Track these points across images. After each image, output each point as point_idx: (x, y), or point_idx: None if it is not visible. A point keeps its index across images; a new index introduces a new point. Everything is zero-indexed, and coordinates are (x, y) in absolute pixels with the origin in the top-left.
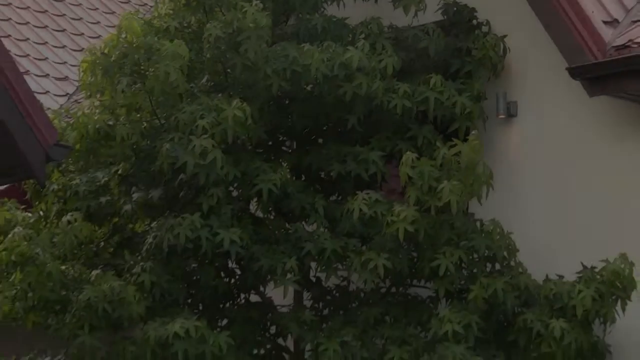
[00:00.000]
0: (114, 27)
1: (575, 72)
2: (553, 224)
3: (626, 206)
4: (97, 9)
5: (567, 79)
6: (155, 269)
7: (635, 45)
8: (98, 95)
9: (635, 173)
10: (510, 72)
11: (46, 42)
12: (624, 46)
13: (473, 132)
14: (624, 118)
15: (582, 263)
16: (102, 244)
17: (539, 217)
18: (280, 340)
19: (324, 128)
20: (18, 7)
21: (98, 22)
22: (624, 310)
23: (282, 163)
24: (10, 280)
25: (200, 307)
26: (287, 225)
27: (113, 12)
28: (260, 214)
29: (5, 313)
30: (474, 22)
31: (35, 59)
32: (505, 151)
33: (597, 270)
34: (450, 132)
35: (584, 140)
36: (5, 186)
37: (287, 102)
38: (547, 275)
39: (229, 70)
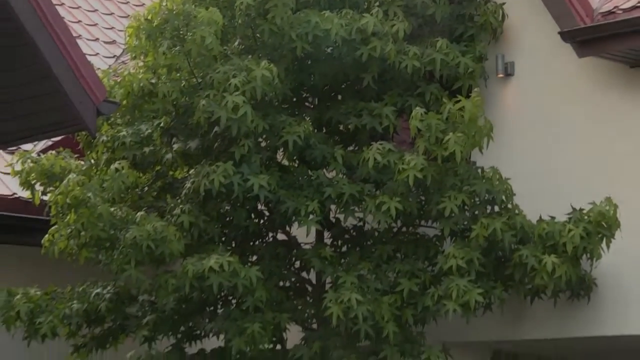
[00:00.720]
0: None
1: (566, 36)
2: (546, 170)
3: (611, 153)
4: None
5: (559, 42)
6: (193, 211)
7: (620, 12)
8: (142, 57)
9: (619, 122)
10: (508, 35)
11: (96, 10)
12: (610, 12)
13: (475, 89)
14: (608, 75)
15: (571, 205)
16: (146, 188)
17: (534, 164)
18: (303, 274)
19: (342, 86)
20: None
21: None
22: (608, 247)
23: (305, 117)
24: (65, 220)
25: (233, 245)
26: (309, 172)
27: None
28: (285, 162)
29: (61, 249)
30: None
31: (87, 24)
32: (504, 106)
33: (585, 211)
34: (455, 90)
35: (573, 95)
36: (60, 137)
37: (309, 62)
38: (540, 216)
39: (258, 34)
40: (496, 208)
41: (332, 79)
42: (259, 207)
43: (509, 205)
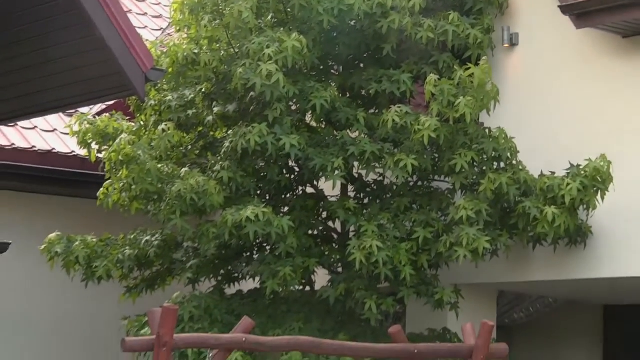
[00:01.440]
0: None
1: (565, 9)
2: (547, 130)
3: (605, 114)
4: None
5: (559, 15)
6: (231, 167)
7: None
8: (186, 30)
9: (612, 86)
10: (513, 9)
11: None
12: None
13: (483, 58)
14: (603, 44)
15: (569, 161)
16: (190, 147)
17: (536, 125)
18: (330, 223)
19: (364, 55)
20: None
21: None
22: (602, 199)
23: (331, 83)
24: (118, 176)
25: (267, 197)
26: (335, 132)
27: None
28: (313, 123)
29: (114, 201)
30: None
31: (137, 0)
32: (509, 73)
33: (581, 167)
34: (465, 58)
35: (571, 62)
36: (113, 101)
37: (334, 34)
38: (541, 172)
39: (288, 9)
40: (502, 164)
41: (355, 49)
42: (290, 163)
43: (514, 162)
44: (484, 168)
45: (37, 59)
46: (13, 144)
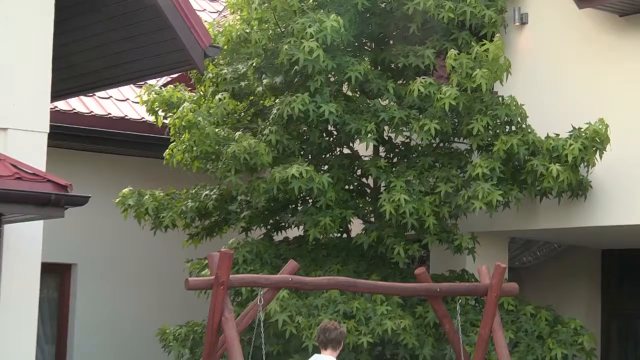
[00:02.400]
0: None
1: None
2: (552, 97)
3: (603, 83)
4: None
5: None
6: (279, 131)
7: None
8: (238, 12)
9: (610, 59)
10: None
11: None
12: None
13: (497, 35)
14: (602, 23)
15: (572, 125)
16: (242, 114)
17: (543, 93)
18: (363, 180)
19: (393, 33)
20: None
21: None
22: (601, 157)
23: (364, 58)
24: (181, 139)
25: (309, 157)
26: (368, 101)
27: None
28: (349, 93)
29: (178, 161)
30: None
31: None
32: (519, 48)
33: (582, 129)
34: (481, 35)
35: (574, 38)
36: (177, 74)
37: (368, 15)
38: (547, 134)
39: None
40: (513, 128)
41: (385, 28)
42: (329, 128)
43: (523, 125)
44: (497, 131)
45: (113, 37)
46: (92, 112)
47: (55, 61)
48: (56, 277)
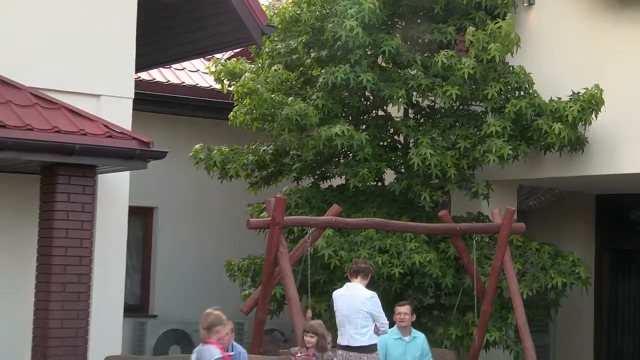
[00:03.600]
0: None
1: None
2: (556, 66)
3: (600, 55)
4: None
5: None
6: (324, 97)
7: None
8: None
9: (608, 34)
10: None
11: None
12: None
13: (508, 14)
14: (601, 5)
15: (571, 90)
16: (294, 82)
17: (547, 63)
18: (395, 137)
19: (420, 13)
20: None
21: None
22: (596, 117)
23: (396, 34)
24: (243, 103)
25: (350, 118)
26: (399, 70)
27: None
28: (383, 64)
29: (240, 122)
30: None
31: None
32: (527, 25)
33: (580, 94)
34: (495, 14)
35: (575, 16)
36: (239, 49)
37: None
38: (551, 97)
39: None
40: (522, 93)
41: (414, 9)
42: (366, 93)
43: (530, 91)
44: (508, 95)
45: (186, 19)
46: (169, 81)
47: (139, 39)
48: (141, 218)
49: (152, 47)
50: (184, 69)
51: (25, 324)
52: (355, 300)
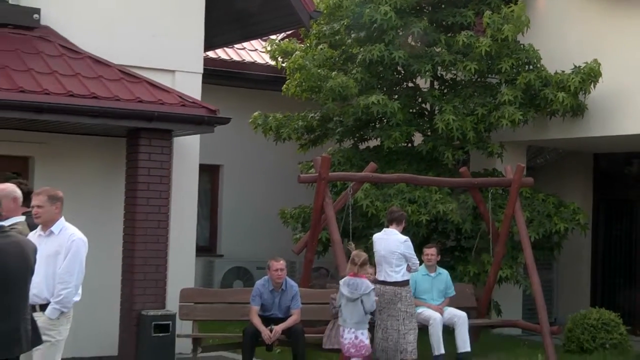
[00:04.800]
0: None
1: None
2: (560, 45)
3: (599, 33)
4: None
5: None
6: (362, 71)
7: None
8: None
9: (606, 16)
10: None
11: None
12: None
13: (520, 0)
14: None
15: (574, 64)
16: (337, 59)
17: (553, 41)
18: (423, 105)
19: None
20: None
21: None
22: (594, 87)
23: (424, 18)
24: (295, 77)
25: (384, 89)
26: (426, 48)
27: None
28: (412, 43)
29: (292, 93)
30: None
31: None
32: (536, 8)
33: (581, 67)
34: (508, 0)
35: (580, 2)
36: (291, 31)
37: None
38: (556, 71)
39: None
40: (531, 67)
41: None
42: (398, 68)
43: (538, 65)
44: (519, 69)
45: (245, 5)
46: (231, 58)
47: (207, 22)
48: (209, 174)
49: (219, 29)
50: (244, 48)
51: (116, 262)
52: (391, 244)
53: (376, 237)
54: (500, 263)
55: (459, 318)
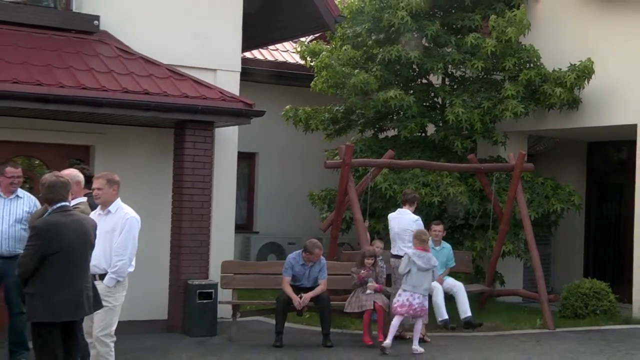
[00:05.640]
0: None
1: None
2: (558, 45)
3: (593, 35)
4: None
5: None
6: (382, 69)
7: None
8: None
9: (598, 19)
10: None
11: None
12: None
13: (522, 4)
14: None
15: (570, 62)
16: (359, 58)
17: (551, 42)
18: (435, 99)
19: (454, 4)
20: None
21: None
22: (588, 82)
23: (436, 21)
24: (322, 74)
25: (401, 85)
26: (438, 49)
27: None
28: (426, 44)
29: (319, 88)
30: None
31: None
32: (537, 12)
33: (576, 65)
34: (512, 5)
35: (574, 5)
36: (318, 34)
37: None
38: (554, 68)
39: None
40: (531, 65)
41: (449, 1)
42: (413, 66)
43: (538, 63)
44: (521, 67)
45: (279, 10)
46: (265, 58)
47: (244, 26)
48: (246, 160)
49: (254, 32)
50: (277, 49)
51: (165, 237)
52: (404, 222)
53: (391, 216)
54: (504, 239)
55: (456, 287)
